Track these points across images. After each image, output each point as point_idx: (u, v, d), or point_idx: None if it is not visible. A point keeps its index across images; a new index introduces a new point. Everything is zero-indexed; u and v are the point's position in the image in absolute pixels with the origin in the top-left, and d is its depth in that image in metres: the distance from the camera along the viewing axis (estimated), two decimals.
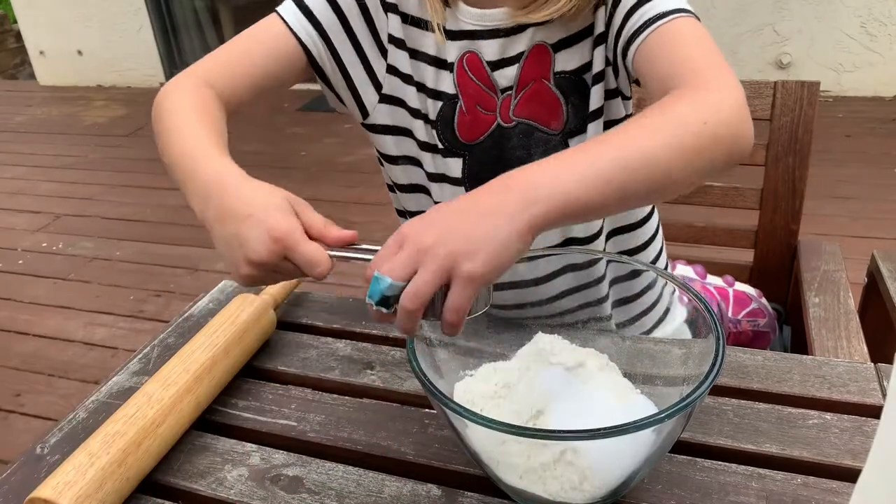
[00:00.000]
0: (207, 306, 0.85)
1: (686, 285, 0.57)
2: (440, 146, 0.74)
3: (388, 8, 0.72)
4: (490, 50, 0.70)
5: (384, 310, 0.48)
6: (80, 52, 5.02)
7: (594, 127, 0.71)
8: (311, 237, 0.53)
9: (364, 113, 0.76)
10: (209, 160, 0.58)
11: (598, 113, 0.71)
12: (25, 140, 4.05)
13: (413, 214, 0.81)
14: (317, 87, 0.77)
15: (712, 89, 0.54)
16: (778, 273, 1.12)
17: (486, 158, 0.73)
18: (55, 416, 1.79)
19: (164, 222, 2.88)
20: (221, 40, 4.86)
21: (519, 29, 0.69)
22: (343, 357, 0.74)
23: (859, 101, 3.50)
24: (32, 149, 3.89)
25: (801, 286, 0.97)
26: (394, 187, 0.83)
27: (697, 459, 0.57)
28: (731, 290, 1.05)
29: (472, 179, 0.74)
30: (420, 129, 0.75)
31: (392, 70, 0.74)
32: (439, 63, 0.72)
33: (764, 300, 1.07)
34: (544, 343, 0.62)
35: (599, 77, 0.70)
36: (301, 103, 3.99)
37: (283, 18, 0.72)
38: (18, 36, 5.57)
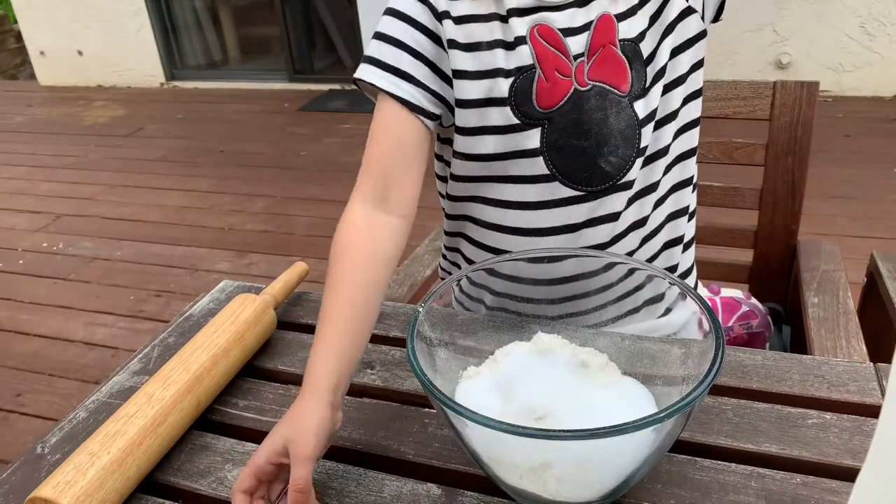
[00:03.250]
0: (207, 306, 0.85)
1: (686, 285, 0.57)
2: (516, 121, 0.78)
3: (440, 17, 0.77)
4: (560, 20, 0.76)
5: None
6: (80, 52, 5.02)
7: (656, 90, 0.76)
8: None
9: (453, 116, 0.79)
10: (312, 373, 0.61)
11: (662, 73, 0.77)
12: (25, 140, 4.06)
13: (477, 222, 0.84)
14: (316, 87, 0.77)
15: None
16: (777, 273, 1.12)
17: (565, 123, 0.77)
18: (55, 416, 1.79)
19: (164, 222, 2.88)
20: (222, 40, 4.88)
21: (584, 2, 0.76)
22: None
23: (859, 101, 3.50)
24: (32, 149, 3.89)
25: (800, 286, 0.98)
26: (451, 196, 0.85)
27: (697, 459, 0.57)
28: (717, 299, 1.05)
29: (550, 147, 0.78)
30: (490, 115, 0.78)
31: (457, 73, 0.78)
32: (507, 44, 0.77)
33: (754, 300, 1.06)
34: (544, 343, 0.62)
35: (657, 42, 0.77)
36: (301, 103, 3.97)
37: (380, 88, 0.75)
38: (18, 36, 5.58)
